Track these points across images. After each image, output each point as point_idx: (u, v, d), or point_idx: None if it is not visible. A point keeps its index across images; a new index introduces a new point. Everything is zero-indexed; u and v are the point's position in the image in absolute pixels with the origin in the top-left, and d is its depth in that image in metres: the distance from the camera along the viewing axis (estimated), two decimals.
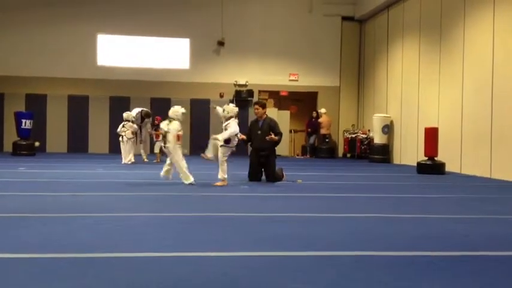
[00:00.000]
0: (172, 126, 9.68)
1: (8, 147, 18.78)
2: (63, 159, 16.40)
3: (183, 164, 9.58)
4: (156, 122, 16.19)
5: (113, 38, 20.70)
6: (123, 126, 14.90)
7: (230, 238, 5.06)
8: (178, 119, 9.78)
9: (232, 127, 9.68)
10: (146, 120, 15.94)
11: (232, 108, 9.92)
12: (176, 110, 9.90)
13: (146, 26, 20.52)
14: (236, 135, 9.78)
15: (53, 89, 20.24)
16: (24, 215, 6.11)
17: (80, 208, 6.72)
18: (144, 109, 16.17)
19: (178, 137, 9.65)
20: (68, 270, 3.82)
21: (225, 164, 9.59)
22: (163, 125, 9.80)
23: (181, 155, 9.66)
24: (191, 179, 9.49)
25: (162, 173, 9.75)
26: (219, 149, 9.60)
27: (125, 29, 20.55)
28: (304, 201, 8.03)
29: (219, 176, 9.53)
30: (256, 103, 11.04)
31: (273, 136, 10.36)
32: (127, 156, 14.72)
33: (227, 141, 9.63)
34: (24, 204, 6.92)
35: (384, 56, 19.34)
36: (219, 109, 10.16)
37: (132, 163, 14.64)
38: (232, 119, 9.80)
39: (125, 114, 15.14)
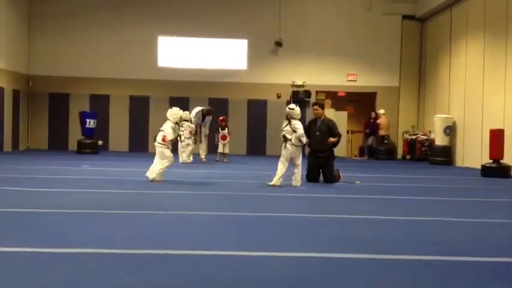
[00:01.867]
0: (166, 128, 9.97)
1: (73, 145, 19.47)
2: (124, 157, 16.85)
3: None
4: (222, 123, 16.12)
5: (172, 40, 21.11)
6: (181, 126, 15.08)
7: (288, 238, 5.05)
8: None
9: (299, 126, 9.69)
10: (207, 118, 15.91)
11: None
12: (175, 113, 10.26)
13: (205, 28, 20.80)
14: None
15: (115, 89, 20.84)
16: (89, 211, 6.31)
17: (142, 205, 6.88)
18: (205, 107, 16.18)
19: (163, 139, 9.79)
20: (129, 266, 3.91)
21: (280, 166, 9.54)
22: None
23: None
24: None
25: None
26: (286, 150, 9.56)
27: (184, 31, 20.90)
28: (363, 203, 7.92)
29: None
30: (315, 103, 10.95)
31: (332, 139, 10.28)
32: (182, 155, 14.89)
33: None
34: (88, 201, 7.15)
35: (447, 55, 18.79)
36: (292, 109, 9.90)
37: (187, 163, 14.76)
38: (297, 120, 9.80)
39: (184, 114, 15.20)
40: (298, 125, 9.72)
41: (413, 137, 19.89)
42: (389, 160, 19.64)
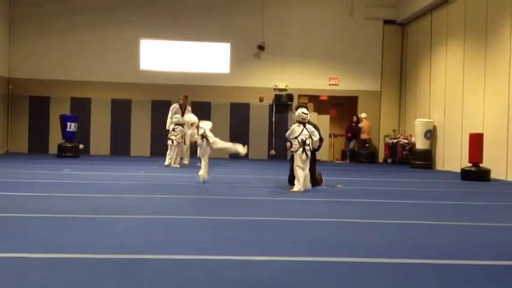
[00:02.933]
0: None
1: (53, 149, 19.26)
2: (106, 161, 16.73)
3: None
4: None
5: (155, 43, 21.04)
6: (173, 130, 14.96)
7: (271, 242, 5.06)
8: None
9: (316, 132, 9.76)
10: (187, 109, 15.43)
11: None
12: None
13: (188, 31, 20.77)
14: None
15: (97, 92, 20.68)
16: (70, 215, 6.25)
17: (123, 210, 6.84)
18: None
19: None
20: (112, 271, 3.89)
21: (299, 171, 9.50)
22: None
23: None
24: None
25: None
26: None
27: (167, 34, 20.84)
28: (344, 206, 7.96)
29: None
30: (303, 106, 10.93)
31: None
32: (176, 159, 14.80)
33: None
34: (69, 205, 7.08)
35: (427, 60, 19.01)
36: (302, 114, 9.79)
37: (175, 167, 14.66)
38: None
39: (175, 119, 15.07)
40: (313, 129, 9.74)
41: (395, 141, 20.09)
42: (371, 164, 19.80)
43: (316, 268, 4.15)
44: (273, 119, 20.94)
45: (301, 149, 9.48)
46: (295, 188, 9.38)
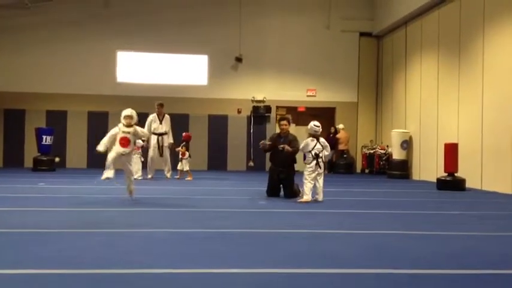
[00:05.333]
0: None
1: (28, 162, 19.01)
2: (82, 174, 16.53)
3: None
4: (183, 138, 15.33)
5: (132, 55, 20.96)
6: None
7: (248, 255, 5.04)
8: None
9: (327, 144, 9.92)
10: (165, 118, 15.12)
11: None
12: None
13: (165, 43, 20.75)
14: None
15: (73, 105, 20.50)
16: (43, 230, 6.16)
17: (98, 224, 6.75)
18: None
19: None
20: (85, 287, 3.83)
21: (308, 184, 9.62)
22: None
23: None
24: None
25: None
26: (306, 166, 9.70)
27: (144, 46, 20.80)
28: (322, 217, 7.98)
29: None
30: (284, 118, 10.95)
31: (287, 147, 10.29)
32: (138, 171, 14.55)
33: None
34: (43, 220, 6.97)
35: (402, 71, 19.28)
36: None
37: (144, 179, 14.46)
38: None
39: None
40: (326, 143, 9.94)
41: (372, 151, 20.26)
42: (349, 174, 19.92)
43: (293, 280, 4.14)
44: (251, 131, 20.97)
45: (314, 161, 9.65)
46: (305, 197, 9.51)
